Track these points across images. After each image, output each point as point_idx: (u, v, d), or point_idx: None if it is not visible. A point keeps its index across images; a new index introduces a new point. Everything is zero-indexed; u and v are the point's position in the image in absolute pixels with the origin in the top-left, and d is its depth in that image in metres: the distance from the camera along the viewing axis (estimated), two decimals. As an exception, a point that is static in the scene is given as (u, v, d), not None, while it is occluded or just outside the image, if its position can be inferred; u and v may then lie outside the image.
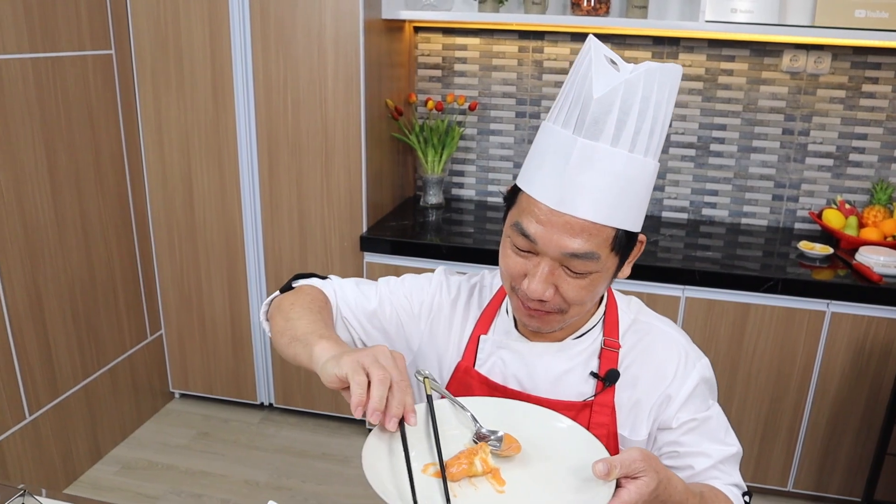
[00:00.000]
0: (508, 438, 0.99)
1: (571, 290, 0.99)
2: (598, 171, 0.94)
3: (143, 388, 2.85)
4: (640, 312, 1.18)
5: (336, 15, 2.39)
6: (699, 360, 1.13)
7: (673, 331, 1.16)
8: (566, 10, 2.70)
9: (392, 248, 2.53)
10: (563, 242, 0.95)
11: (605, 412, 1.10)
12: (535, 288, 0.98)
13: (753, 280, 2.27)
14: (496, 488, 0.92)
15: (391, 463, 0.92)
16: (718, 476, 1.08)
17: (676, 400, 1.09)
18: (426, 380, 1.08)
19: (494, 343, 1.16)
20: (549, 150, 0.98)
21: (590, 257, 0.96)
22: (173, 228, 2.75)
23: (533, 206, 0.97)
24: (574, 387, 1.12)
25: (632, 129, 0.94)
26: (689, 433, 1.09)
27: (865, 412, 2.32)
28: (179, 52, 2.53)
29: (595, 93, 0.93)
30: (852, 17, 2.38)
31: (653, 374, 1.10)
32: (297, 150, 2.56)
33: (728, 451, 1.10)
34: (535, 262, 0.99)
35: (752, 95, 2.69)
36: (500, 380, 1.15)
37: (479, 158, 3.03)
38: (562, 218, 0.95)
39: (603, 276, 1.01)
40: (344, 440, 2.81)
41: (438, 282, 1.27)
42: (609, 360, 1.11)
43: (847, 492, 2.41)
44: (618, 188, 0.95)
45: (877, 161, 2.66)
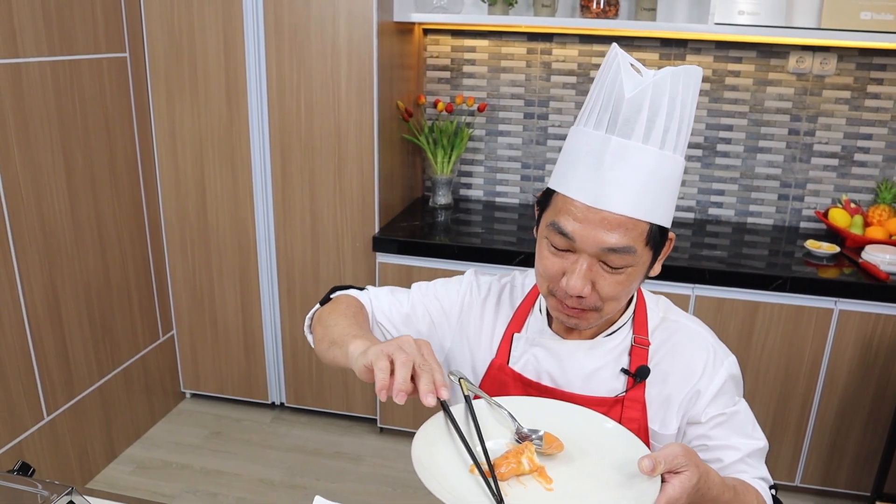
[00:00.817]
0: (549, 437, 1.01)
1: (608, 286, 1.03)
2: (631, 168, 0.98)
3: (155, 389, 2.87)
4: (669, 311, 1.21)
5: (350, 18, 2.41)
6: (727, 358, 1.16)
7: (701, 329, 1.19)
8: (575, 13, 2.73)
9: (404, 248, 2.56)
10: (601, 237, 0.99)
11: (636, 407, 1.13)
12: (575, 284, 1.01)
13: (762, 278, 2.30)
14: (545, 486, 0.94)
15: (440, 463, 0.94)
16: (746, 469, 1.12)
17: (706, 395, 1.12)
18: (462, 380, 1.11)
19: (528, 341, 1.19)
20: (583, 151, 1.01)
21: (627, 251, 0.99)
22: (186, 230, 2.77)
23: (569, 205, 1.01)
24: (606, 383, 1.15)
25: (661, 127, 0.98)
26: (717, 427, 1.12)
27: (872, 408, 2.36)
28: (193, 56, 2.55)
29: (626, 93, 0.98)
30: (858, 19, 2.42)
31: (682, 370, 1.13)
32: (310, 152, 2.58)
33: (756, 444, 1.13)
34: (572, 259, 1.03)
35: (758, 96, 2.72)
36: (534, 376, 1.18)
37: (488, 159, 3.06)
38: (599, 214, 0.98)
39: (638, 270, 1.04)
40: (356, 439, 2.84)
41: (469, 282, 1.31)
42: (639, 356, 1.14)
43: (854, 486, 2.46)
44: (650, 184, 0.99)
45: (881, 161, 2.70)
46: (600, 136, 1.00)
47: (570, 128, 1.07)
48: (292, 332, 2.82)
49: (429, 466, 0.91)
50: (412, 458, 0.91)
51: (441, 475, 0.91)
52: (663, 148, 0.99)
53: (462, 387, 1.10)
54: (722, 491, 0.96)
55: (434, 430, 1.00)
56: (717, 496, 0.95)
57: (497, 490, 0.89)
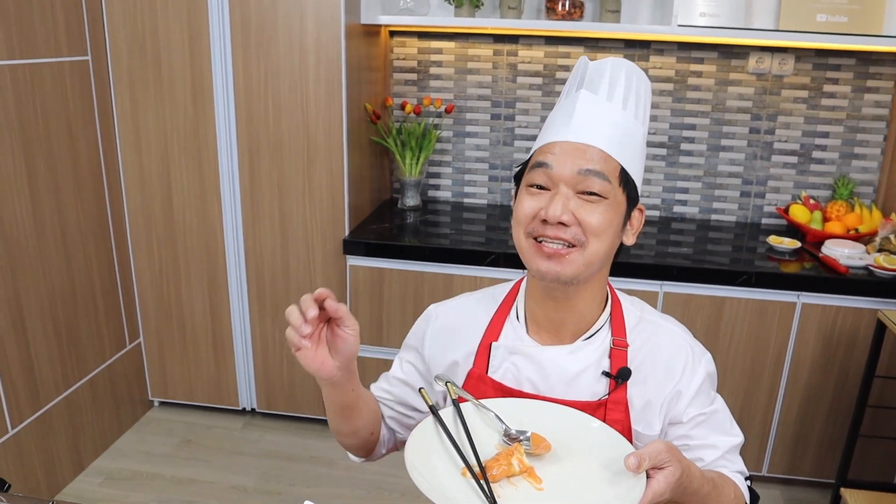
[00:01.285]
0: (536, 438, 1.02)
1: (588, 215, 1.05)
2: (601, 116, 1.09)
3: (122, 398, 2.82)
4: (645, 311, 1.22)
5: (317, 19, 2.40)
6: (703, 356, 1.19)
7: (677, 328, 1.21)
8: (541, 15, 2.76)
9: (375, 250, 2.55)
10: (578, 161, 1.05)
11: (619, 409, 1.14)
12: (555, 208, 1.05)
13: (728, 274, 2.36)
14: (535, 486, 0.96)
15: (434, 467, 0.96)
16: (725, 465, 1.15)
17: (686, 396, 1.14)
18: (448, 384, 1.12)
19: (507, 349, 1.18)
20: (558, 113, 1.13)
21: (602, 177, 1.05)
22: (152, 235, 2.73)
23: (546, 148, 1.09)
24: (588, 387, 1.15)
25: (622, 90, 1.11)
26: (697, 427, 1.15)
27: (834, 397, 2.44)
28: (158, 57, 2.51)
29: (590, 63, 1.14)
30: (814, 21, 2.50)
31: (662, 371, 1.15)
32: (278, 153, 2.56)
33: (734, 441, 1.17)
34: (550, 194, 1.07)
35: (720, 96, 2.79)
36: (514, 384, 1.17)
37: (455, 160, 3.07)
38: (574, 145, 1.07)
39: (614, 208, 1.07)
40: (330, 442, 2.82)
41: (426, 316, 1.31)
42: (619, 358, 1.15)
43: (818, 474, 2.53)
44: (618, 134, 1.08)
45: (838, 158, 2.79)
46: (571, 96, 1.12)
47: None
48: (262, 336, 2.80)
49: (423, 471, 0.93)
50: (406, 464, 0.92)
51: (435, 479, 0.93)
52: (625, 109, 1.10)
53: (449, 391, 1.11)
54: (702, 484, 1.00)
55: (425, 435, 1.02)
56: (697, 489, 0.98)
57: (490, 492, 0.91)
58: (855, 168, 2.79)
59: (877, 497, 2.07)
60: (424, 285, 2.55)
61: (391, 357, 2.59)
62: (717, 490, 1.05)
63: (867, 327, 2.32)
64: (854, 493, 2.09)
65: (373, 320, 2.62)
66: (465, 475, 0.95)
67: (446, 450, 0.99)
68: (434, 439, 1.01)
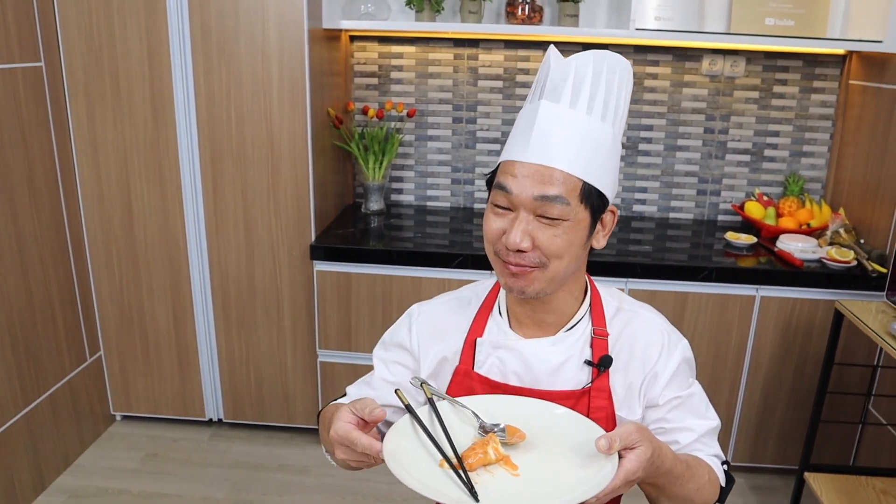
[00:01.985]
0: (511, 428, 1.05)
1: (547, 240, 1.07)
2: (561, 127, 1.07)
3: (84, 413, 2.74)
4: (622, 300, 1.26)
5: (280, 25, 2.39)
6: (680, 342, 1.22)
7: (654, 315, 1.25)
8: (500, 19, 2.80)
9: (342, 255, 2.55)
10: (535, 187, 1.06)
11: (602, 396, 1.17)
12: (514, 236, 1.07)
13: (690, 270, 2.43)
14: (511, 473, 0.99)
15: (412, 460, 0.98)
16: (701, 448, 1.18)
17: (662, 378, 1.18)
18: (423, 384, 1.14)
19: (491, 344, 1.21)
20: (520, 123, 1.13)
21: (560, 201, 1.05)
22: (111, 247, 2.67)
23: (509, 167, 1.09)
24: (572, 376, 1.18)
25: (587, 94, 1.08)
26: (673, 410, 1.18)
27: (794, 386, 2.53)
28: (115, 65, 2.46)
29: (552, 64, 1.10)
30: (763, 24, 2.60)
31: (640, 355, 1.19)
32: (241, 161, 2.54)
33: (709, 424, 1.20)
34: (512, 217, 1.09)
35: (675, 97, 2.87)
36: (500, 378, 1.20)
37: (418, 164, 3.08)
38: (533, 167, 1.06)
39: (575, 228, 1.08)
40: (299, 450, 2.80)
41: (409, 314, 1.31)
42: (600, 347, 1.18)
43: (780, 460, 2.63)
44: (582, 146, 1.07)
45: (788, 156, 2.90)
46: (533, 105, 1.11)
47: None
48: (228, 345, 2.76)
49: (403, 463, 0.95)
50: (385, 458, 0.94)
51: (415, 471, 0.95)
52: (590, 114, 1.08)
53: (424, 390, 1.13)
54: (675, 464, 1.03)
55: (403, 432, 1.04)
56: (670, 468, 1.01)
57: (468, 479, 0.93)
58: (804, 165, 2.91)
59: (838, 479, 2.16)
60: (392, 289, 2.56)
61: (361, 362, 2.63)
62: (690, 471, 1.08)
63: (822, 317, 2.42)
64: (817, 477, 2.17)
65: (341, 325, 2.62)
66: (442, 466, 0.97)
67: (424, 445, 1.01)
68: (411, 436, 1.03)
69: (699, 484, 1.10)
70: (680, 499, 1.08)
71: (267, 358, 2.77)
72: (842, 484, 2.14)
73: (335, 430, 0.97)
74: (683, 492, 1.07)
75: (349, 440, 0.96)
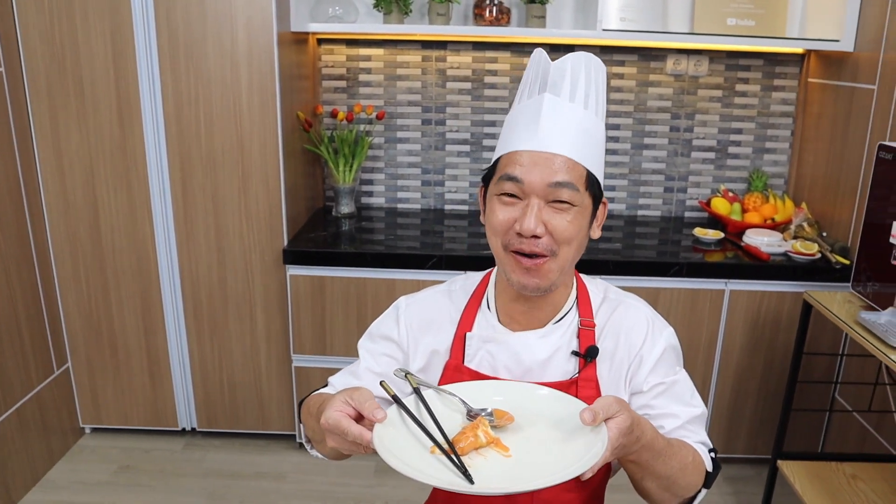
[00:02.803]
0: (498, 412, 1.07)
1: (559, 225, 1.10)
2: (565, 119, 1.12)
3: (52, 427, 2.68)
4: (608, 290, 1.28)
5: (249, 28, 2.37)
6: (665, 329, 1.25)
7: (639, 303, 1.27)
8: (468, 21, 2.82)
9: (315, 259, 2.53)
10: (546, 174, 1.09)
11: (590, 386, 1.19)
12: (528, 222, 1.08)
13: (660, 266, 2.47)
14: (503, 454, 1.00)
15: (403, 448, 0.98)
16: (687, 435, 1.20)
17: (647, 363, 1.20)
18: (408, 375, 1.14)
19: (480, 338, 1.23)
20: (521, 116, 1.15)
21: (571, 187, 1.09)
22: (78, 255, 2.61)
23: (515, 157, 1.11)
24: (560, 367, 1.21)
25: (583, 89, 1.13)
26: (658, 396, 1.20)
27: (763, 376, 2.59)
28: (78, 70, 2.41)
29: (551, 63, 1.15)
30: (725, 24, 2.65)
31: (625, 342, 1.21)
32: (211, 167, 2.51)
33: (694, 412, 1.21)
34: (522, 205, 1.11)
35: (641, 97, 2.92)
36: (491, 372, 1.22)
37: (388, 166, 3.08)
38: (542, 155, 1.10)
39: (582, 213, 1.12)
40: (276, 456, 2.78)
41: (397, 306, 1.31)
42: (587, 337, 1.20)
43: (752, 451, 2.69)
44: (583, 135, 1.12)
45: (751, 153, 2.97)
46: (535, 99, 1.14)
47: (506, 116, 1.20)
48: (201, 353, 2.73)
49: (395, 452, 0.95)
50: (375, 446, 0.94)
51: (407, 458, 0.96)
52: (587, 108, 1.13)
53: (409, 381, 1.13)
54: (655, 436, 1.04)
55: (391, 422, 1.03)
56: (650, 441, 1.02)
57: (461, 463, 0.94)
58: (767, 161, 2.98)
59: (810, 466, 2.22)
60: (366, 292, 2.55)
61: (336, 366, 2.62)
62: (672, 448, 1.09)
63: (790, 309, 2.48)
64: (790, 465, 2.22)
65: (315, 329, 2.60)
66: (434, 452, 0.98)
67: (413, 433, 1.02)
68: (400, 425, 1.04)
69: (682, 463, 1.11)
70: (664, 477, 1.09)
71: (240, 365, 2.74)
72: (813, 470, 2.20)
73: (326, 419, 0.96)
74: (666, 469, 1.07)
75: (339, 429, 0.95)
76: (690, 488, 1.14)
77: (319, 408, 1.09)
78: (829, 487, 2.12)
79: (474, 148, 3.03)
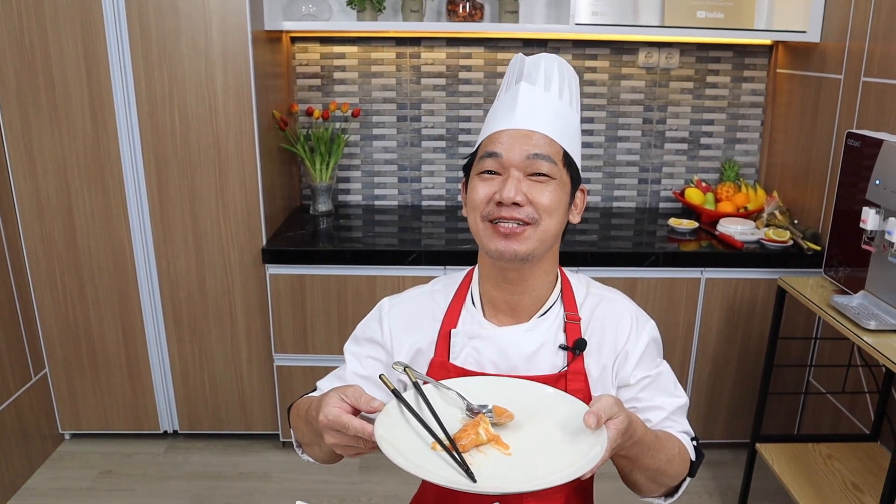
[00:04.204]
0: (498, 409, 1.06)
1: (539, 194, 1.13)
2: (541, 105, 1.17)
3: (31, 434, 2.65)
4: (591, 285, 1.30)
5: (223, 27, 2.36)
6: (647, 322, 1.27)
7: (622, 298, 1.30)
8: (442, 17, 2.83)
9: (295, 258, 2.53)
10: (526, 146, 1.14)
11: (579, 379, 1.20)
12: (508, 190, 1.11)
13: (637, 256, 2.51)
14: (504, 452, 1.00)
15: (405, 445, 0.98)
16: (671, 426, 1.23)
17: (632, 357, 1.22)
18: (406, 369, 1.14)
19: (466, 334, 1.22)
20: (500, 106, 1.20)
21: (549, 160, 1.13)
22: (53, 261, 2.58)
23: (495, 137, 1.16)
24: (547, 361, 1.21)
25: (557, 80, 1.19)
26: (644, 389, 1.23)
27: (740, 362, 2.64)
28: (49, 71, 2.38)
29: (526, 57, 1.22)
30: (695, 17, 2.70)
31: (611, 337, 1.23)
32: (188, 167, 2.49)
33: (678, 402, 1.25)
34: (502, 178, 1.14)
35: (614, 90, 2.95)
36: (477, 367, 1.21)
37: (364, 164, 3.09)
38: (521, 132, 1.15)
39: (562, 188, 1.15)
40: (259, 456, 2.77)
41: (380, 307, 1.32)
42: (573, 331, 1.21)
43: (730, 435, 2.74)
44: (559, 120, 1.17)
45: (723, 143, 3.02)
46: (512, 90, 1.19)
47: (481, 111, 1.25)
48: (181, 356, 2.71)
49: (397, 447, 0.95)
50: (377, 441, 0.94)
51: (409, 453, 0.95)
52: (561, 98, 1.19)
53: (409, 375, 1.13)
54: (645, 432, 1.06)
55: (391, 417, 1.03)
56: (641, 437, 1.05)
57: (463, 461, 0.94)
58: (738, 151, 3.03)
59: (787, 448, 2.27)
60: (347, 289, 2.56)
61: (317, 364, 2.62)
62: (660, 442, 1.12)
63: (764, 295, 2.53)
64: (768, 448, 2.27)
65: (296, 328, 2.60)
66: (435, 449, 0.98)
67: (413, 429, 1.01)
68: (400, 421, 1.03)
69: (669, 455, 1.14)
70: (652, 469, 1.11)
71: (221, 366, 2.73)
72: (790, 452, 2.25)
73: (325, 415, 0.97)
74: (655, 462, 1.10)
75: (340, 424, 0.96)
76: (676, 478, 1.17)
77: (309, 409, 1.10)
78: (806, 468, 2.17)
79: (450, 144, 3.05)
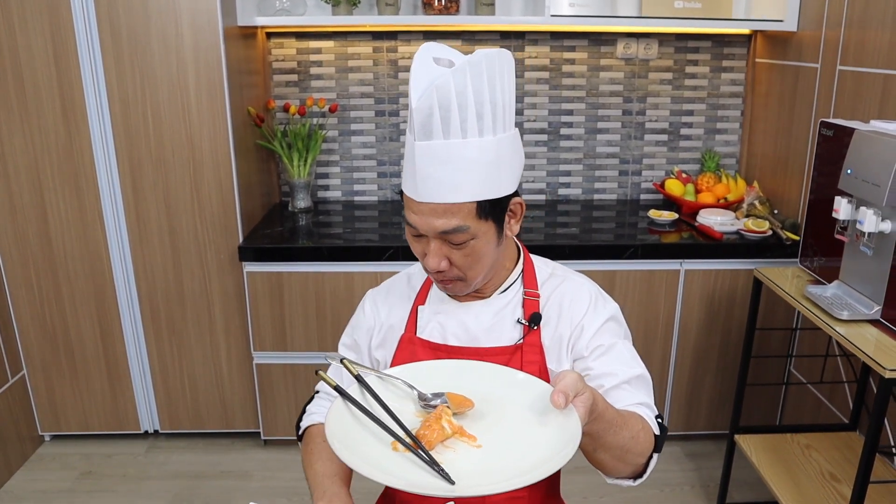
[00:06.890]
0: (453, 397, 1.00)
1: (459, 259, 1.17)
2: (438, 163, 1.10)
3: (9, 436, 2.63)
4: (556, 269, 1.33)
5: (193, 24, 2.33)
6: (609, 303, 1.28)
7: (585, 280, 1.32)
8: (418, 10, 2.81)
9: (272, 255, 2.51)
10: (434, 224, 1.13)
11: (534, 351, 1.24)
12: (430, 262, 1.17)
13: (616, 248, 2.49)
14: (472, 445, 0.92)
15: (363, 448, 0.90)
16: (625, 396, 1.17)
17: (588, 330, 1.22)
18: (343, 361, 1.10)
19: (432, 311, 1.30)
20: (407, 155, 1.16)
21: (460, 230, 1.13)
22: (28, 262, 2.56)
23: (409, 202, 1.16)
24: (506, 333, 1.26)
25: (456, 120, 1.07)
26: (598, 359, 1.21)
27: (721, 353, 2.63)
28: (19, 72, 2.35)
29: (413, 103, 1.07)
30: (672, 7, 2.68)
31: (568, 311, 1.25)
32: (162, 166, 2.47)
33: (633, 371, 1.20)
34: (426, 241, 1.17)
35: (593, 81, 2.94)
36: (441, 339, 1.28)
37: (343, 159, 3.07)
38: (427, 206, 1.13)
39: (481, 242, 1.16)
40: (240, 455, 2.76)
41: (365, 297, 1.41)
42: (531, 307, 1.26)
43: (711, 426, 2.74)
44: (462, 170, 1.10)
45: (703, 134, 3.01)
46: (411, 142, 1.11)
47: None
48: (160, 355, 2.69)
49: (359, 454, 0.87)
50: (335, 453, 0.86)
51: (372, 460, 0.87)
52: (466, 136, 1.08)
53: (348, 368, 1.09)
54: (606, 408, 1.03)
55: (341, 418, 0.94)
56: (603, 411, 1.01)
57: (433, 460, 0.88)
58: (718, 142, 3.02)
59: (766, 438, 2.26)
60: (325, 286, 2.54)
61: (297, 361, 2.61)
62: (622, 418, 1.08)
63: (744, 286, 2.52)
64: (746, 438, 2.27)
65: (275, 326, 2.58)
66: (397, 449, 0.90)
67: (367, 428, 0.93)
68: (350, 421, 0.94)
69: (633, 432, 1.09)
70: (616, 447, 1.07)
71: (201, 365, 2.72)
72: (769, 442, 2.24)
73: None
74: (618, 440, 1.06)
75: None
76: (643, 455, 1.12)
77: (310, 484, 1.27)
78: (784, 458, 2.17)
79: (430, 138, 3.02)
